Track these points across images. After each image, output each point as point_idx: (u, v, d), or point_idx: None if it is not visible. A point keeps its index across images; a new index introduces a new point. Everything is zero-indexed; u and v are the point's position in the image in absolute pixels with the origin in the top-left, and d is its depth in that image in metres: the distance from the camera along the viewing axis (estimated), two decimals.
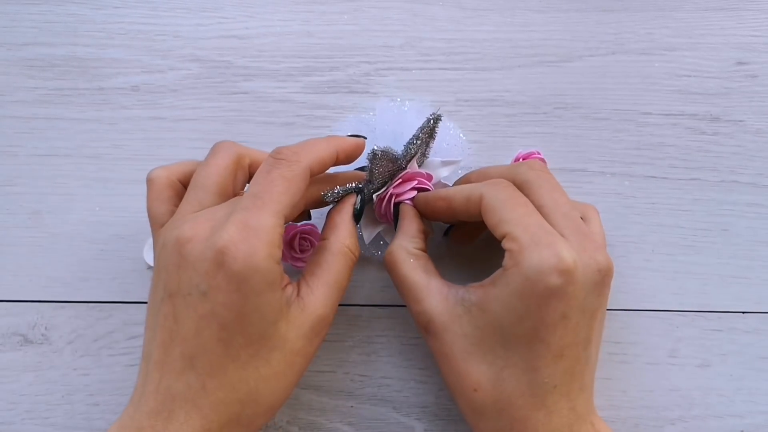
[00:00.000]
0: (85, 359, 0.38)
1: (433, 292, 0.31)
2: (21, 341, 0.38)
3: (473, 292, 0.30)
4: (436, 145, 0.37)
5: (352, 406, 0.37)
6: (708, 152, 0.40)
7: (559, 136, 0.40)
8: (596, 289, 0.29)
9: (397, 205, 0.35)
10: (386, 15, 0.42)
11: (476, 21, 0.42)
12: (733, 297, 0.39)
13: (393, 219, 0.36)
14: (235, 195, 0.32)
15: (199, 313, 0.27)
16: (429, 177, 0.36)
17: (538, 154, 0.39)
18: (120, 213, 0.39)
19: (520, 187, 0.31)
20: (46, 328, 0.38)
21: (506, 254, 0.29)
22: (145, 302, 0.38)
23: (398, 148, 0.35)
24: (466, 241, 0.38)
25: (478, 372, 0.29)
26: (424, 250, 0.34)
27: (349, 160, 0.32)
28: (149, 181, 0.32)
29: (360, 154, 0.33)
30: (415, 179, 0.36)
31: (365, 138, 0.33)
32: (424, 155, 0.37)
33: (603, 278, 0.29)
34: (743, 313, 0.38)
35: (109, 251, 0.39)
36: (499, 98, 0.41)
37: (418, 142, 0.35)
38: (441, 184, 0.38)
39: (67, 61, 0.41)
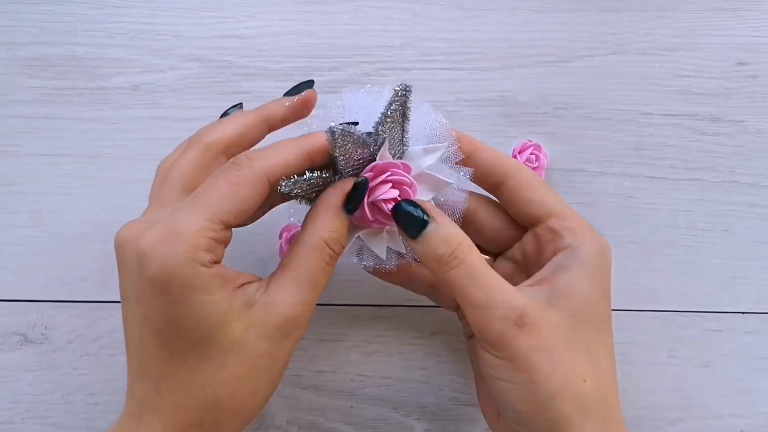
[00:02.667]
0: (85, 359, 0.38)
1: (508, 283, 0.28)
2: (21, 341, 0.38)
3: (541, 286, 0.28)
4: (415, 132, 0.32)
5: (352, 406, 0.37)
6: (708, 152, 0.40)
7: (560, 136, 0.40)
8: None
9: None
10: (386, 15, 0.42)
11: (476, 21, 0.42)
12: (733, 297, 0.39)
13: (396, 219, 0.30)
14: None
15: (137, 318, 0.26)
16: (406, 167, 0.31)
17: (530, 142, 0.39)
18: (120, 212, 0.39)
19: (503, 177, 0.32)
20: (46, 327, 0.38)
21: (563, 233, 0.29)
22: None
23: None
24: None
25: (584, 361, 0.27)
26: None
27: (322, 159, 0.29)
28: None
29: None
30: (388, 170, 0.30)
31: (311, 83, 0.31)
32: (402, 143, 0.31)
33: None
34: (743, 313, 0.38)
35: (109, 251, 0.39)
36: (500, 98, 0.41)
37: (390, 122, 0.29)
38: (425, 175, 0.32)
39: (67, 61, 0.41)
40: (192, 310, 0.25)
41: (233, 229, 0.28)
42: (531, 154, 0.39)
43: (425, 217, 0.28)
